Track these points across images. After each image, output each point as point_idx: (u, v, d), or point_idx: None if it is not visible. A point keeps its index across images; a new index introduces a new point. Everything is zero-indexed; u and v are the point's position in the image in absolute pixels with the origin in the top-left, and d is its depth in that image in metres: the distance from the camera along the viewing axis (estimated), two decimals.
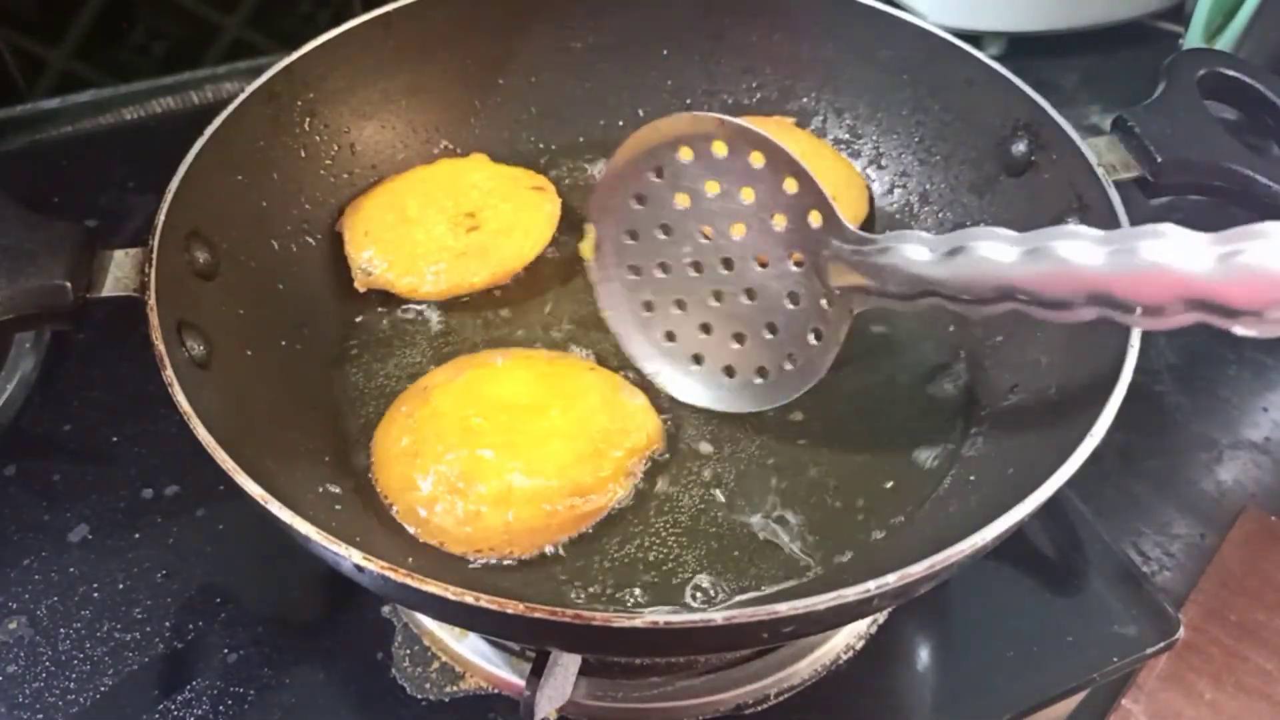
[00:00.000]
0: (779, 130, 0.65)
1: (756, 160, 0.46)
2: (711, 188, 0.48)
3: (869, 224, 0.63)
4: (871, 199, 0.64)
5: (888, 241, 0.44)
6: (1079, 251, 0.38)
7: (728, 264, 0.49)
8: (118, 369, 0.62)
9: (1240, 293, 0.34)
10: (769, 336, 0.49)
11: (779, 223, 0.47)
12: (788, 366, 0.49)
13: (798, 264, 0.47)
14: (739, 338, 0.50)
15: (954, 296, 0.42)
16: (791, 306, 0.48)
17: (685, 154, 0.48)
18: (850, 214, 0.61)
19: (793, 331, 0.49)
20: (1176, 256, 0.35)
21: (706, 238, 0.50)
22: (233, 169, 0.53)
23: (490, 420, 0.47)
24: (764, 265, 0.48)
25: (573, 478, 0.47)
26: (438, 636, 0.51)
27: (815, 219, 0.46)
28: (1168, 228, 0.36)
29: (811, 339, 0.48)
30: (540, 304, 0.59)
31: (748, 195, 0.48)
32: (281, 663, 0.50)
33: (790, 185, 0.46)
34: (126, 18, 0.78)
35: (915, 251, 0.43)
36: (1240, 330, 0.35)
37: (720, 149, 0.47)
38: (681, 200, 0.49)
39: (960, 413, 0.53)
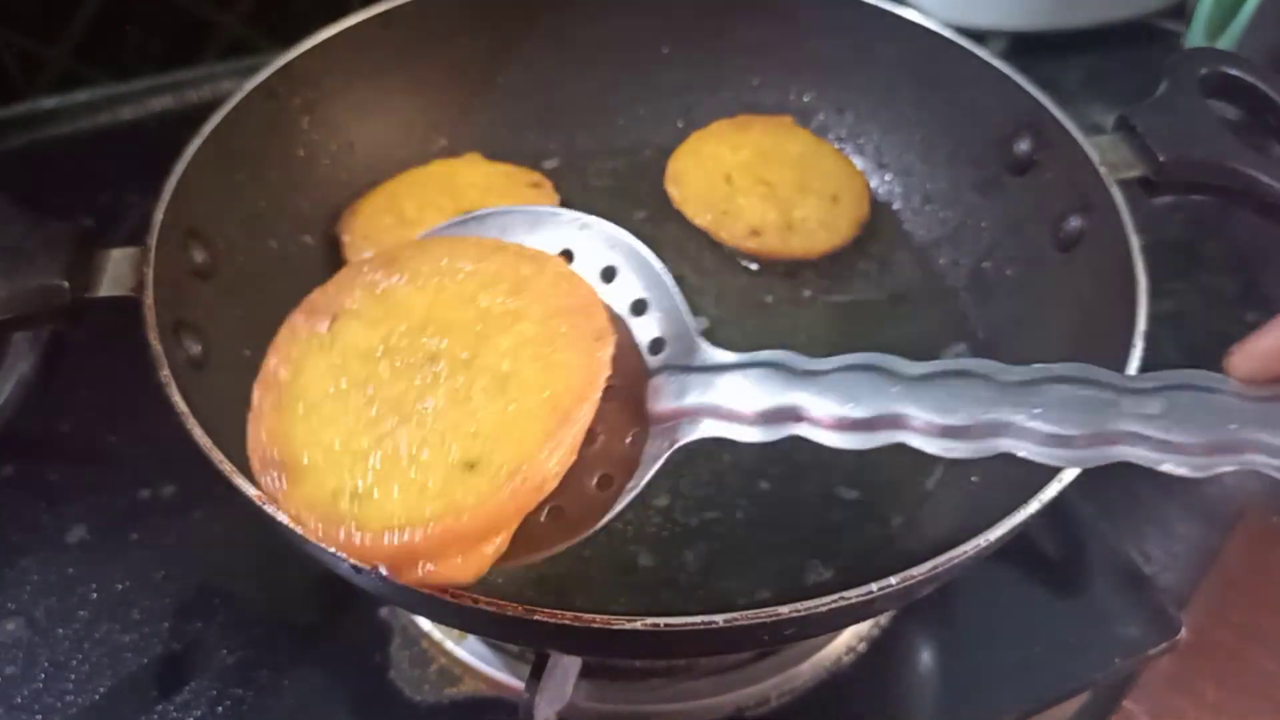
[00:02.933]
0: (779, 129, 0.65)
1: None
2: None
3: (870, 225, 0.63)
4: (872, 199, 0.63)
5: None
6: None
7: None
8: (115, 369, 0.62)
9: None
10: None
11: None
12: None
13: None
14: None
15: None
16: None
17: None
18: (851, 214, 0.62)
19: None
20: None
21: None
22: (230, 168, 0.53)
23: None
24: None
25: None
26: (436, 638, 0.51)
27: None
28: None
29: (592, 484, 0.36)
30: None
31: None
32: (279, 664, 0.50)
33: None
34: (124, 16, 0.78)
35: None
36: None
37: None
38: None
39: None
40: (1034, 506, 0.37)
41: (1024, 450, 0.33)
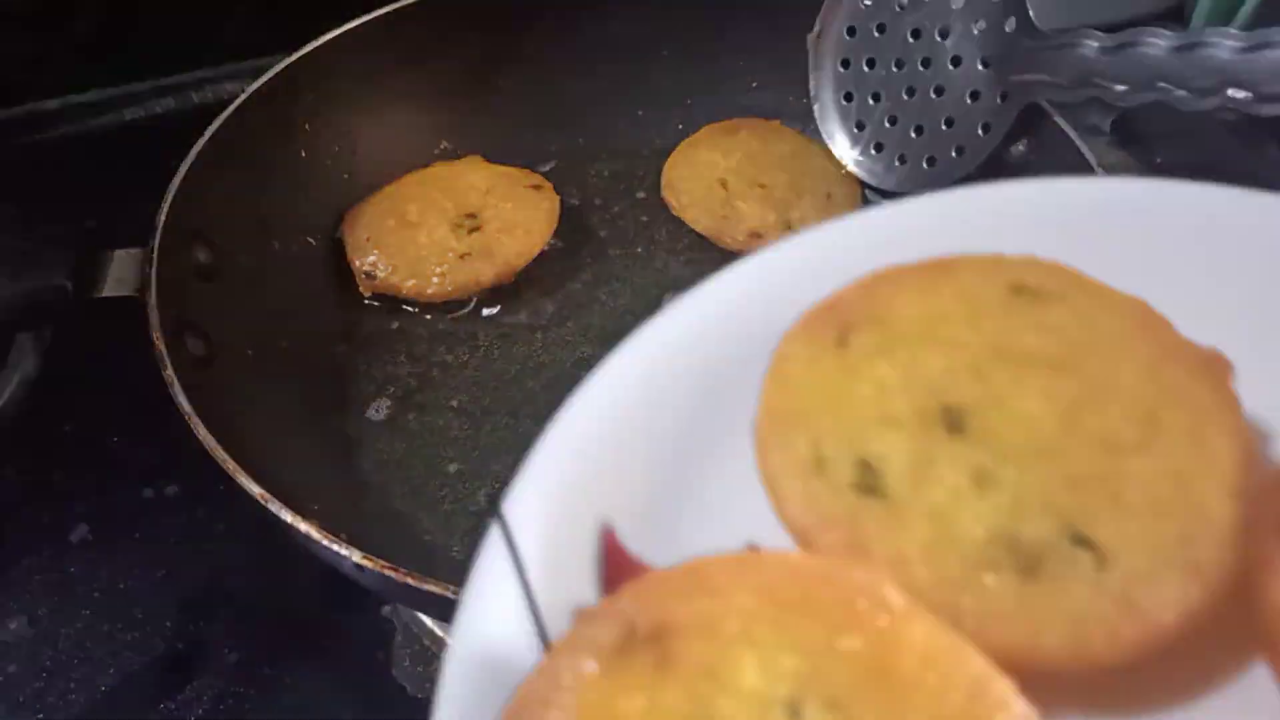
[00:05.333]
0: (767, 131, 0.65)
1: None
2: None
3: None
4: (869, 200, 0.64)
5: (1065, 38, 0.50)
6: (1219, 49, 0.44)
7: (925, 63, 0.57)
8: (118, 369, 0.62)
9: None
10: (945, 129, 0.57)
11: (979, 26, 0.54)
12: (953, 155, 0.57)
13: (984, 64, 0.54)
14: (919, 130, 0.58)
15: (1110, 86, 0.48)
16: (970, 103, 0.55)
17: None
18: (846, 210, 0.62)
19: (966, 125, 0.56)
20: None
21: (914, 38, 0.57)
22: (233, 170, 0.53)
23: None
24: (956, 65, 0.55)
25: None
26: (438, 635, 0.51)
27: (1011, 23, 0.53)
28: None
29: (980, 131, 0.55)
30: (541, 302, 0.59)
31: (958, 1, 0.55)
32: (282, 663, 0.50)
33: None
34: (127, 18, 0.78)
35: (1086, 46, 0.49)
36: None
37: None
38: (901, 2, 0.57)
39: None
40: None
41: None
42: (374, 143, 0.62)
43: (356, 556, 0.35)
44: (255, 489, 0.37)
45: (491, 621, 0.25)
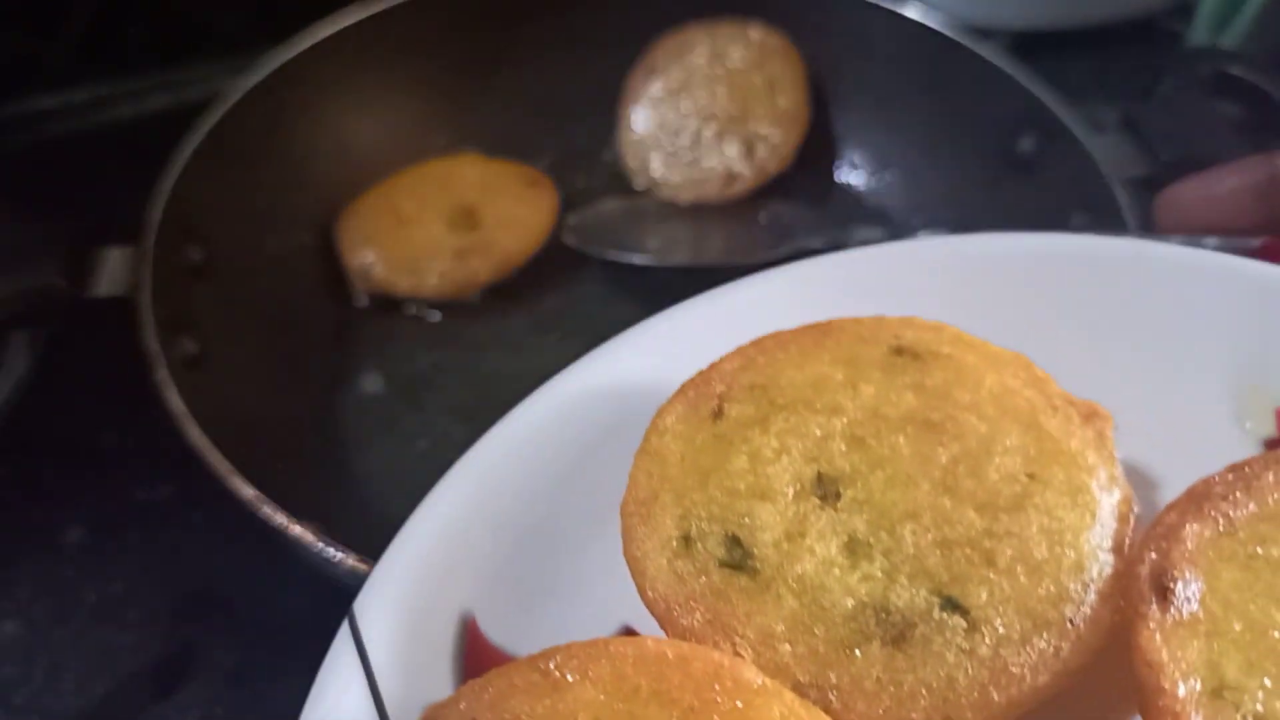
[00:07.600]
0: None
1: None
2: None
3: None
4: (872, 199, 0.63)
5: None
6: None
7: None
8: (112, 369, 0.62)
9: None
10: None
11: None
12: None
13: None
14: None
15: None
16: None
17: None
18: (795, 97, 0.61)
19: None
20: None
21: None
22: (228, 167, 0.53)
23: None
24: None
25: None
26: None
27: None
28: None
29: None
30: (541, 300, 0.58)
31: None
32: (276, 666, 0.50)
33: None
34: (122, 15, 0.78)
35: None
36: None
37: None
38: None
39: None
40: None
41: None
42: (369, 139, 0.61)
43: (351, 560, 0.35)
44: (248, 492, 0.37)
45: None
